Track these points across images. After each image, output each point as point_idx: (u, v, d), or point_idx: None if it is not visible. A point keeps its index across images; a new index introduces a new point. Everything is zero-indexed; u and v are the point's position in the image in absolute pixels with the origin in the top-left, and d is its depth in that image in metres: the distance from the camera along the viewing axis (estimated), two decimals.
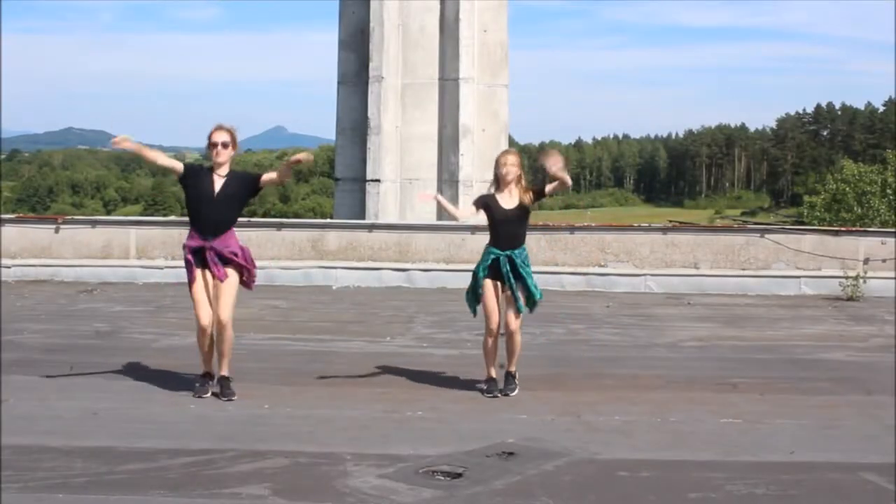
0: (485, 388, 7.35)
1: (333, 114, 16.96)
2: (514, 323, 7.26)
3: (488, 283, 7.29)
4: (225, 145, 7.06)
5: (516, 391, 7.29)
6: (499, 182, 7.35)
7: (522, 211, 7.31)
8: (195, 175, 7.14)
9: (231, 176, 7.11)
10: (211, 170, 7.11)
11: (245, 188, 7.16)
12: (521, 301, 7.25)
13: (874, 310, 12.73)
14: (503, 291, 7.29)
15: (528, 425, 6.39)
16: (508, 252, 7.24)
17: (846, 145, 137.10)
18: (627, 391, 7.55)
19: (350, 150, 16.62)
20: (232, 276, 7.05)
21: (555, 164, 7.16)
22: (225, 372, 7.10)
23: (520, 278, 7.24)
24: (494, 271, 7.28)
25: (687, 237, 14.99)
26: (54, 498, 4.80)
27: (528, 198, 7.30)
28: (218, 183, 7.04)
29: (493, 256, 7.28)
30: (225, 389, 7.02)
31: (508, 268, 7.22)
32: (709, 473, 5.35)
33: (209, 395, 7.07)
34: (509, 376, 7.37)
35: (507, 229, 7.29)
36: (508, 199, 7.31)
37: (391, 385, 7.66)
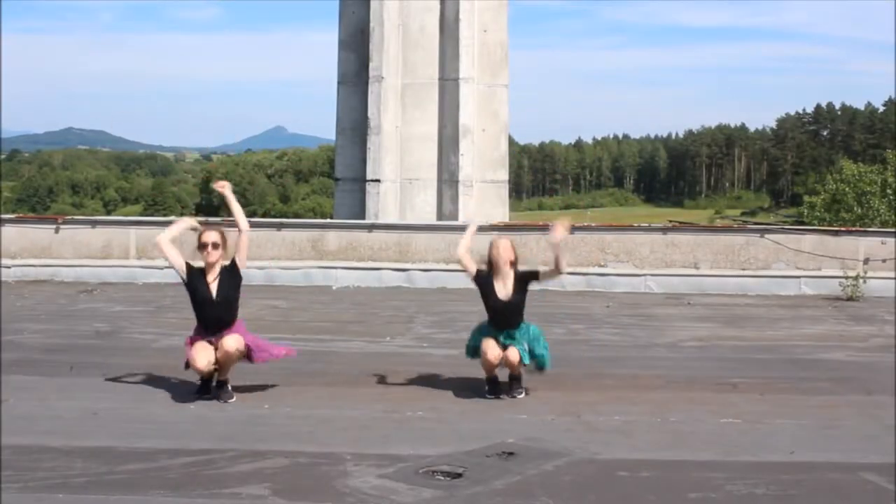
0: (487, 388, 7.34)
1: (333, 114, 16.99)
2: (515, 356, 7.22)
3: (488, 338, 7.30)
4: (215, 246, 7.08)
5: (523, 394, 7.28)
6: (491, 265, 7.35)
7: (517, 299, 7.32)
8: (194, 278, 7.13)
9: (223, 274, 7.13)
10: (203, 271, 7.11)
11: (235, 280, 7.18)
12: (525, 349, 7.24)
13: (874, 310, 12.73)
14: (505, 350, 7.29)
15: (528, 425, 6.39)
16: (506, 332, 7.30)
17: (846, 145, 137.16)
18: (627, 391, 7.55)
19: (350, 150, 16.62)
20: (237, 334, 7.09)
21: (555, 236, 7.31)
22: (225, 377, 7.09)
23: (520, 343, 7.28)
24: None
25: (687, 237, 14.99)
26: (54, 498, 4.81)
27: (520, 286, 7.29)
28: (213, 285, 7.09)
29: (490, 335, 7.31)
30: (223, 393, 7.02)
31: (506, 340, 7.27)
32: (709, 473, 5.35)
33: (210, 395, 7.06)
34: (514, 379, 7.33)
35: (502, 315, 7.33)
36: (502, 288, 7.31)
37: (391, 385, 7.66)
